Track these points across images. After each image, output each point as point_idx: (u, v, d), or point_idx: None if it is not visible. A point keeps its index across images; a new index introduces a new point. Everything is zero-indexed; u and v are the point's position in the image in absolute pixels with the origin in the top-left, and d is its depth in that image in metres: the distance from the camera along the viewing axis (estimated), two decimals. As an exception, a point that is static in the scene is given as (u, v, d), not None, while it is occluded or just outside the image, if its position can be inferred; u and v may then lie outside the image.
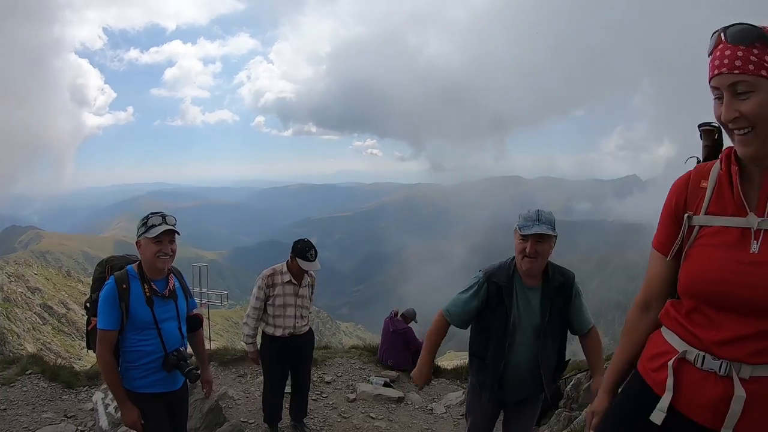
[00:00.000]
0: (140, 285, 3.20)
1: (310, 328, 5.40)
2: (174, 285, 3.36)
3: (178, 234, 3.24)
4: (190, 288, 3.68)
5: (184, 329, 3.42)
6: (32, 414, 5.74)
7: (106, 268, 3.54)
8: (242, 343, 5.31)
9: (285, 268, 5.12)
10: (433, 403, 7.13)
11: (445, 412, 6.74)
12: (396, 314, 8.73)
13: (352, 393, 7.06)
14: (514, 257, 3.24)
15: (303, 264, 5.00)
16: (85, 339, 3.80)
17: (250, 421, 5.82)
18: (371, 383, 7.47)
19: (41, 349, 27.51)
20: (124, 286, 3.13)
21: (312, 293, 5.39)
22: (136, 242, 3.22)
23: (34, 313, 41.29)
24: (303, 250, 5.05)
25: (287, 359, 5.24)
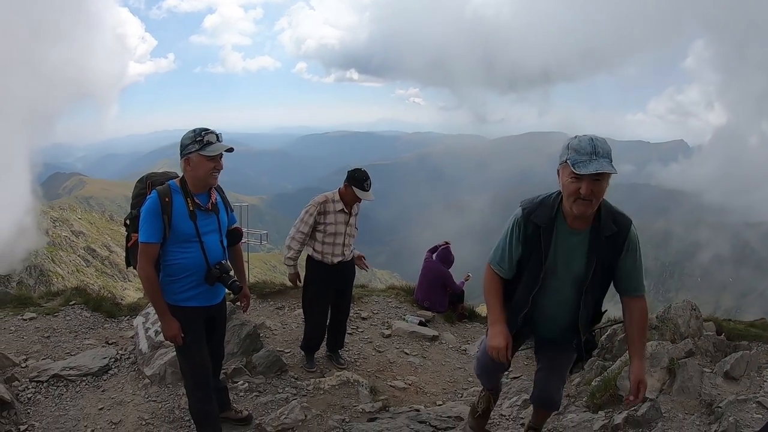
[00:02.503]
0: (183, 199, 3.22)
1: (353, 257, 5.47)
2: (216, 199, 3.39)
3: (232, 150, 3.26)
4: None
5: (225, 243, 3.46)
6: (74, 341, 5.94)
7: (147, 184, 3.56)
8: (283, 264, 5.39)
9: (337, 196, 5.14)
10: (467, 345, 7.14)
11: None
12: (442, 245, 8.69)
13: (387, 329, 7.12)
14: (559, 193, 2.73)
15: (359, 193, 5.02)
16: (124, 260, 3.86)
17: (286, 351, 5.92)
18: (406, 321, 7.51)
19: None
20: (167, 199, 3.17)
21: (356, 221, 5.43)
22: (186, 158, 3.21)
23: (78, 255, 42.97)
24: (360, 179, 5.05)
25: (333, 286, 5.34)
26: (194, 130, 3.18)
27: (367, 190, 5.06)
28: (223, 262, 3.38)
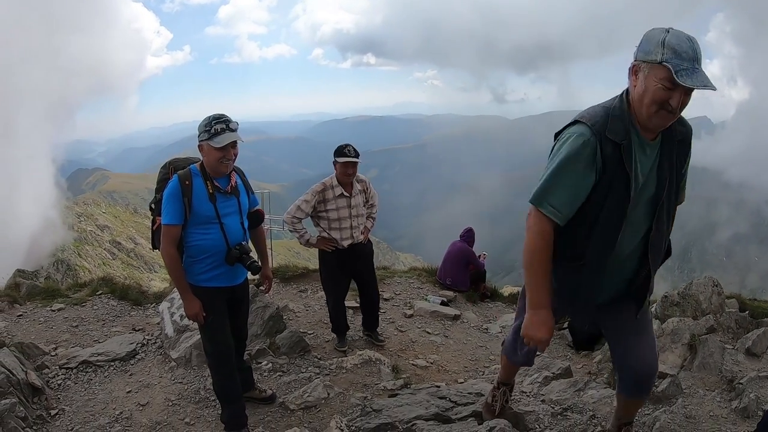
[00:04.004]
0: (203, 182, 3.29)
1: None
2: (236, 182, 3.46)
3: (242, 141, 3.30)
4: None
5: (246, 224, 3.52)
6: (102, 329, 6.06)
7: (170, 169, 3.65)
8: (303, 245, 5.37)
9: (335, 181, 5.14)
10: (489, 323, 7.14)
11: (500, 332, 6.73)
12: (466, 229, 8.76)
13: (409, 309, 7.15)
14: (621, 99, 2.23)
15: (341, 160, 5.00)
16: (150, 243, 3.95)
17: (309, 332, 5.98)
18: (428, 301, 7.53)
19: (113, 281, 29.03)
20: (187, 182, 3.24)
21: (367, 199, 5.41)
22: (199, 145, 3.28)
23: (104, 249, 43.66)
24: (339, 148, 5.08)
25: (349, 269, 5.36)
26: (208, 118, 3.23)
27: (350, 155, 5.02)
28: (243, 243, 3.45)
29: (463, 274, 8.31)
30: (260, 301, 5.42)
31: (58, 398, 4.46)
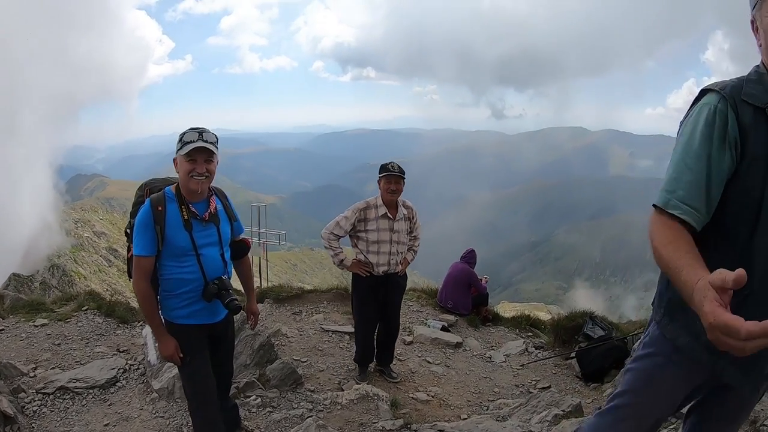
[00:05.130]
0: (177, 207, 2.92)
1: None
2: (216, 207, 3.07)
3: (215, 152, 2.90)
4: (249, 227, 3.41)
5: (227, 255, 3.14)
6: (85, 348, 5.76)
7: (145, 191, 3.27)
8: (336, 265, 5.05)
9: (380, 201, 4.80)
10: (492, 351, 6.82)
11: (504, 361, 6.42)
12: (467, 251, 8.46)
13: (408, 335, 6.82)
14: (757, 66, 1.68)
15: (383, 174, 4.71)
16: (127, 272, 3.62)
17: (302, 360, 5.65)
18: (429, 326, 7.21)
19: (106, 290, 28.73)
20: (160, 208, 2.87)
21: (411, 229, 5.05)
22: (174, 160, 2.92)
23: (100, 256, 43.43)
24: (383, 165, 4.76)
25: (380, 297, 4.99)
26: (184, 130, 2.90)
27: (393, 171, 4.70)
28: (223, 277, 3.07)
29: (465, 297, 8.01)
30: (250, 328, 5.07)
31: (33, 427, 4.18)
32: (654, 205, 1.62)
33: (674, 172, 1.62)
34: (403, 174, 4.76)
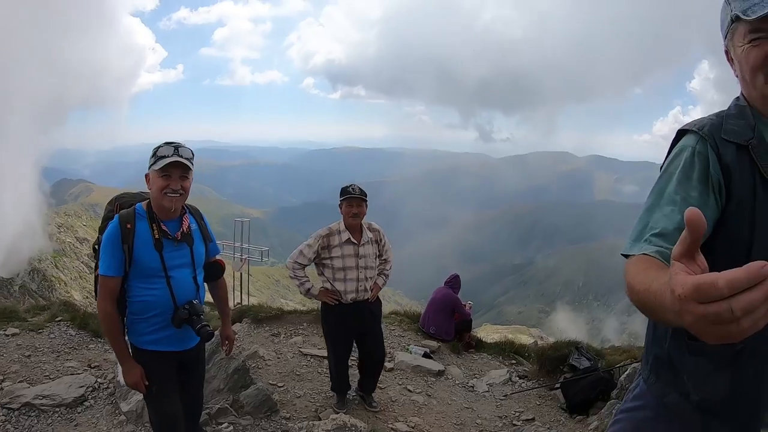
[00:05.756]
0: (148, 226, 2.75)
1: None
2: (189, 227, 2.90)
3: (191, 168, 2.75)
4: (232, 242, 3.27)
5: (200, 278, 2.96)
6: (56, 362, 5.59)
7: (115, 206, 3.08)
8: (303, 295, 4.83)
9: (342, 226, 4.62)
10: (475, 380, 6.68)
11: (488, 391, 6.28)
12: (452, 275, 8.36)
13: (389, 362, 6.64)
14: (737, 98, 1.56)
15: (344, 197, 4.55)
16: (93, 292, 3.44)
17: (279, 384, 5.47)
18: (410, 353, 7.06)
19: (86, 297, 28.26)
20: (129, 226, 2.70)
21: (380, 252, 4.87)
22: (146, 175, 2.77)
23: (82, 262, 42.89)
24: (344, 188, 4.61)
25: (352, 327, 4.77)
26: (159, 144, 2.74)
27: (354, 193, 4.54)
28: (194, 301, 2.87)
29: (448, 323, 7.89)
30: (225, 354, 4.88)
31: None
32: (623, 255, 1.39)
33: (646, 217, 1.42)
34: (365, 196, 4.61)
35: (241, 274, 18.12)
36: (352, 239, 4.56)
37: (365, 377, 5.21)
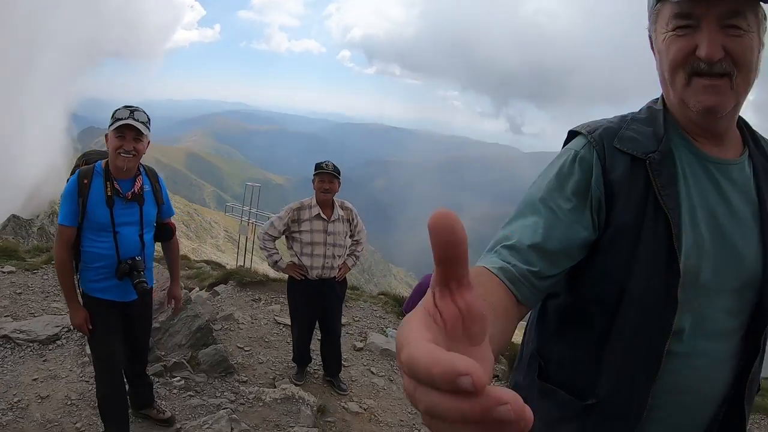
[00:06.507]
0: (103, 183, 2.95)
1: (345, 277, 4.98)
2: (142, 187, 3.10)
3: (144, 132, 2.93)
4: (241, 205, 3.45)
5: (147, 237, 3.17)
6: (43, 302, 5.84)
7: (81, 162, 3.30)
8: (273, 268, 4.96)
9: (314, 201, 4.64)
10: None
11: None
12: None
13: (361, 341, 6.74)
14: (657, 99, 1.26)
15: (316, 172, 4.56)
16: None
17: (245, 348, 5.60)
18: (387, 335, 7.13)
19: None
20: (86, 181, 2.93)
21: (352, 232, 4.88)
22: (105, 135, 2.98)
23: (102, 209, 43.44)
24: (318, 164, 4.61)
25: (315, 302, 4.81)
26: (118, 107, 2.96)
27: (326, 169, 4.55)
28: (137, 257, 3.08)
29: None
30: (191, 309, 5.02)
31: None
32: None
33: (505, 227, 1.15)
34: (338, 173, 4.62)
35: (246, 238, 18.31)
36: (322, 215, 4.59)
37: (327, 361, 5.25)
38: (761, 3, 1.05)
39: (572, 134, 1.27)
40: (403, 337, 0.43)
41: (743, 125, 1.25)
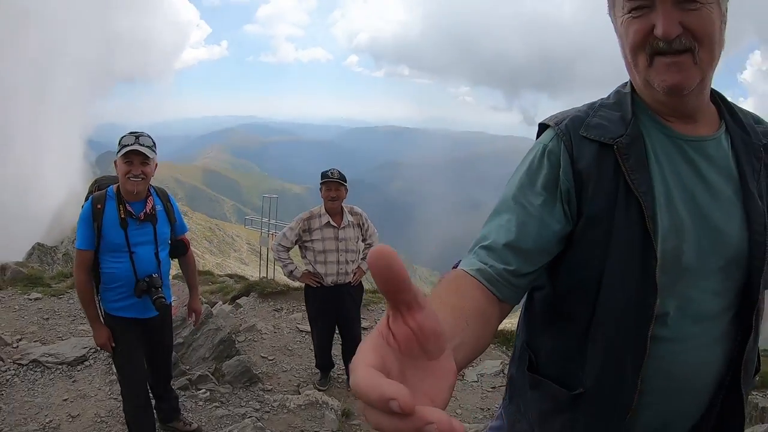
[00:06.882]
0: (116, 206, 3.10)
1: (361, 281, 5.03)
2: (154, 208, 3.24)
3: (151, 156, 3.07)
4: (260, 217, 3.56)
5: (162, 254, 3.30)
6: (70, 325, 5.99)
7: (94, 188, 3.46)
8: (289, 278, 5.06)
9: (323, 210, 4.72)
10: (467, 368, 6.71)
11: (477, 381, 6.30)
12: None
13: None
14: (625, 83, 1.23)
15: (323, 181, 4.64)
16: None
17: (269, 357, 5.69)
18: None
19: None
20: (99, 206, 3.07)
21: (364, 236, 4.93)
22: (114, 161, 3.11)
23: (123, 232, 44.04)
24: (324, 173, 4.71)
25: (332, 309, 4.88)
26: (124, 134, 3.11)
27: (332, 177, 4.62)
28: (153, 275, 3.21)
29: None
30: (213, 323, 5.13)
31: (2, 394, 4.42)
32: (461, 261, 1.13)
33: (484, 227, 1.16)
34: (344, 180, 4.68)
35: (268, 249, 18.45)
36: (332, 222, 4.66)
37: (346, 362, 5.31)
38: None
39: (542, 127, 1.25)
40: (353, 361, 0.48)
41: (719, 99, 1.22)
